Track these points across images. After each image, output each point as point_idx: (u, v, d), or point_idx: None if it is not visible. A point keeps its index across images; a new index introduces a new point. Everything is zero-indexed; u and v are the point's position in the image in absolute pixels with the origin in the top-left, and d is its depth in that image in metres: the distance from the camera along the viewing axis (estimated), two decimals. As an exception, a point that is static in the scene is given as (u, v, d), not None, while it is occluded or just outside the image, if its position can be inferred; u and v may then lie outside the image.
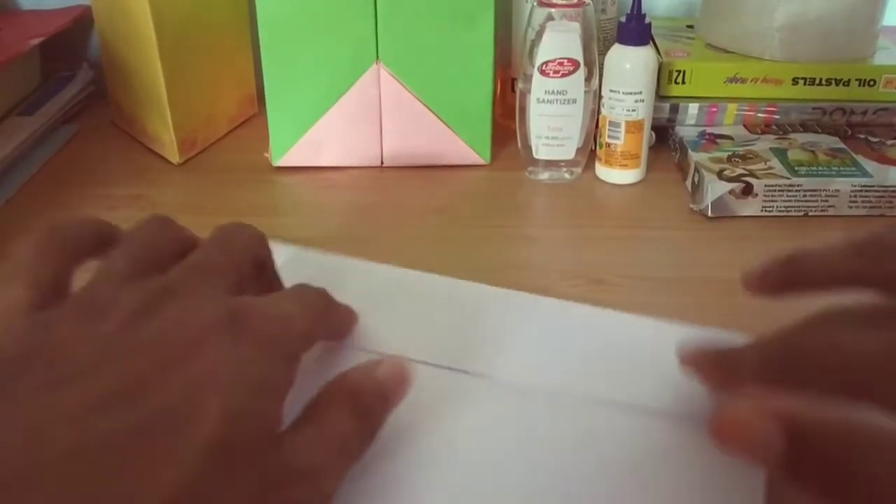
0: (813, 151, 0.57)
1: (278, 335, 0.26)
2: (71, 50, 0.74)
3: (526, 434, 0.31)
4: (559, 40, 0.54)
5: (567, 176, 0.59)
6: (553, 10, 0.54)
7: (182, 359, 0.23)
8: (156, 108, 0.60)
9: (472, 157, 0.60)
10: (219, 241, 0.30)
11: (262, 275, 0.31)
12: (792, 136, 0.60)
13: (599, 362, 0.34)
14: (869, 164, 0.55)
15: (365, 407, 0.27)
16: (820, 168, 0.54)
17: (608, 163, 0.58)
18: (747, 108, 0.61)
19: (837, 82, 0.61)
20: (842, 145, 0.58)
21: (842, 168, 0.54)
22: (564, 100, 0.55)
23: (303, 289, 0.30)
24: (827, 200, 0.53)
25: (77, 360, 0.23)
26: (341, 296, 0.33)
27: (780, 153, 0.57)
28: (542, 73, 0.55)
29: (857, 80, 0.61)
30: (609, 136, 0.57)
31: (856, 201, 0.53)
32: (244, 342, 0.24)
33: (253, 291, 0.29)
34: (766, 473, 0.27)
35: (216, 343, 0.24)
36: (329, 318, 0.32)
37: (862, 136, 0.59)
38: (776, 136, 0.59)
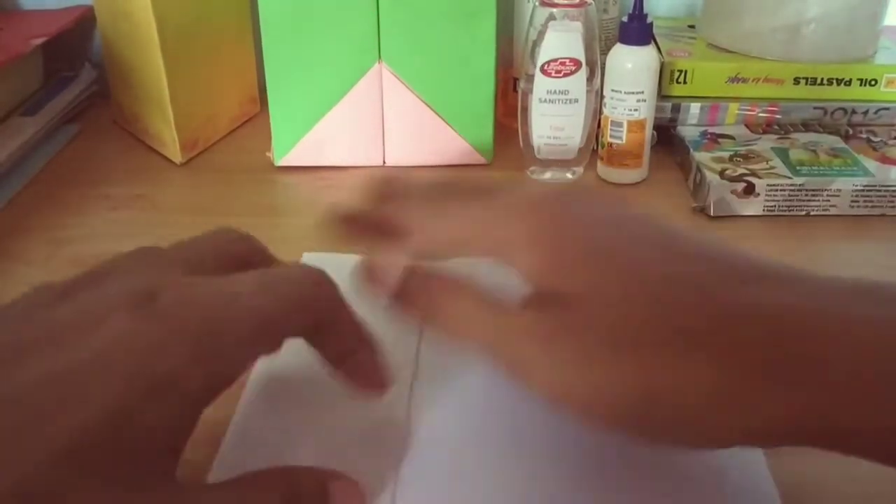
0: (814, 151, 0.57)
1: (210, 321, 0.21)
2: (73, 50, 0.74)
3: None
4: (561, 40, 0.54)
5: (569, 176, 0.59)
6: (555, 9, 0.54)
7: (76, 335, 0.19)
8: (158, 108, 0.60)
9: (474, 156, 0.60)
10: (187, 239, 0.27)
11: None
12: (793, 135, 0.60)
13: None
14: (870, 164, 0.55)
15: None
16: (821, 168, 0.54)
17: (610, 162, 0.58)
18: (749, 107, 0.61)
19: (839, 82, 0.61)
20: (843, 145, 0.58)
21: (843, 168, 0.54)
22: (566, 99, 0.55)
23: (285, 272, 0.26)
24: (829, 200, 0.53)
25: None
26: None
27: (782, 153, 0.57)
28: (544, 72, 0.55)
29: (858, 79, 0.61)
30: (611, 136, 0.57)
31: (857, 201, 0.53)
32: (157, 322, 0.20)
33: None
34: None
35: (121, 319, 0.20)
36: (307, 316, 0.26)
37: (863, 135, 0.59)
38: (778, 136, 0.59)
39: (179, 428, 0.20)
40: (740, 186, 0.53)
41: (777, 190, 0.53)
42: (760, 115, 0.62)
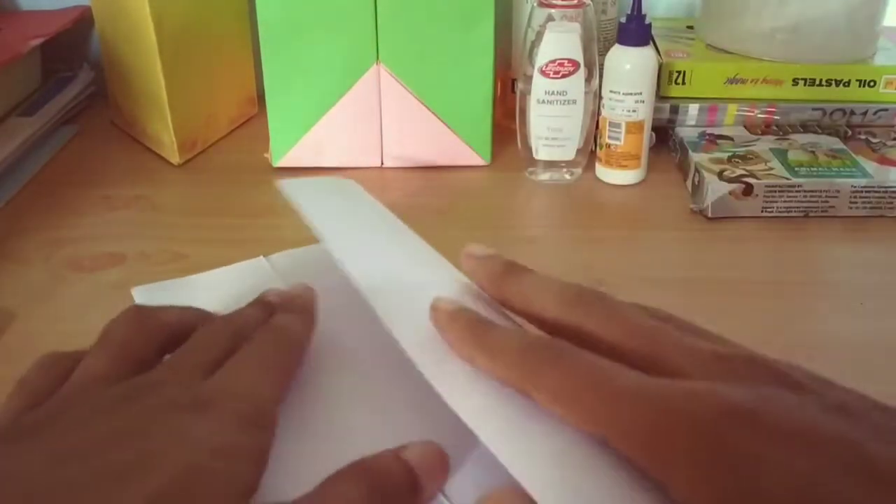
0: (813, 152, 0.57)
1: (244, 410, 0.26)
2: (71, 51, 0.74)
3: None
4: (559, 41, 0.54)
5: (567, 177, 0.59)
6: (553, 10, 0.54)
7: (145, 428, 0.24)
8: (156, 109, 0.60)
9: (473, 157, 0.60)
10: (196, 340, 0.31)
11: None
12: (792, 136, 0.60)
13: None
14: (869, 165, 0.55)
15: (388, 494, 0.25)
16: (820, 168, 0.54)
17: (608, 163, 0.58)
18: (747, 108, 0.61)
19: (838, 83, 0.61)
20: (842, 146, 0.58)
21: (842, 169, 0.54)
22: (564, 100, 0.55)
23: (263, 344, 0.30)
24: (827, 201, 0.53)
25: (45, 427, 0.24)
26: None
27: (781, 154, 0.57)
28: (543, 73, 0.55)
29: (857, 80, 0.61)
30: (609, 137, 0.57)
31: (856, 202, 0.53)
32: (207, 417, 0.25)
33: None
34: None
35: (180, 419, 0.25)
36: (299, 355, 0.32)
37: (862, 136, 0.59)
38: (776, 137, 0.59)
39: (250, 485, 0.25)
40: (739, 188, 0.53)
41: (775, 191, 0.53)
42: (759, 116, 0.62)
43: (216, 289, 0.41)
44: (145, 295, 0.41)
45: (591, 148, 0.59)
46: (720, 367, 0.24)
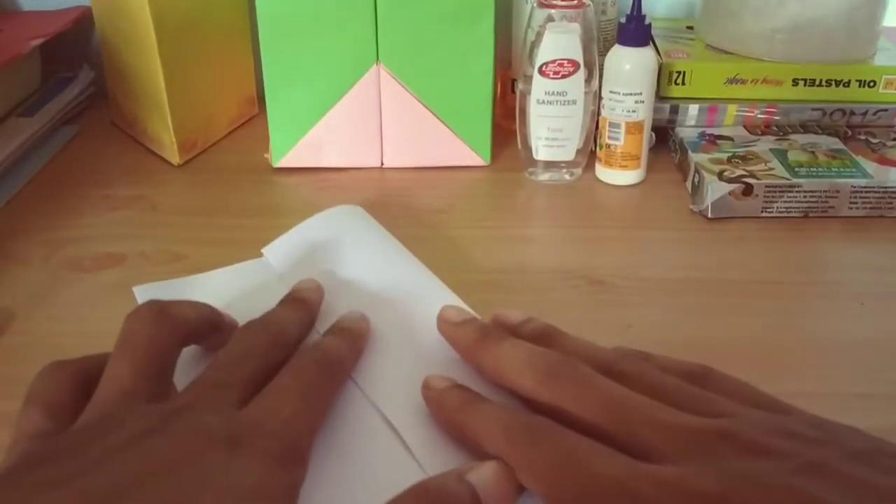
0: (813, 152, 0.57)
1: (279, 449, 0.26)
2: (71, 51, 0.74)
3: None
4: (559, 41, 0.54)
5: (567, 177, 0.59)
6: (553, 11, 0.54)
7: (177, 467, 0.24)
8: (156, 110, 0.60)
9: (473, 157, 0.60)
10: (232, 352, 0.30)
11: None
12: (792, 137, 0.60)
13: None
14: (869, 165, 0.55)
15: None
16: (820, 169, 0.54)
17: (608, 164, 0.58)
18: (747, 109, 0.61)
19: (837, 83, 0.61)
20: (842, 146, 0.58)
21: (842, 169, 0.54)
22: (564, 101, 0.55)
23: (307, 367, 0.30)
24: (827, 201, 0.53)
25: (80, 462, 0.24)
26: None
27: (780, 154, 0.57)
28: (542, 74, 0.55)
29: (857, 81, 0.61)
30: (609, 137, 0.57)
31: (855, 202, 0.53)
32: (240, 456, 0.25)
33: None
34: None
35: (212, 457, 0.24)
36: (342, 382, 0.32)
37: (862, 136, 0.59)
38: (776, 137, 0.60)
39: None
40: (739, 188, 0.53)
41: (775, 191, 0.53)
42: (759, 116, 0.62)
43: (218, 288, 0.41)
44: (147, 294, 0.41)
45: (591, 148, 0.59)
46: (691, 443, 0.25)
